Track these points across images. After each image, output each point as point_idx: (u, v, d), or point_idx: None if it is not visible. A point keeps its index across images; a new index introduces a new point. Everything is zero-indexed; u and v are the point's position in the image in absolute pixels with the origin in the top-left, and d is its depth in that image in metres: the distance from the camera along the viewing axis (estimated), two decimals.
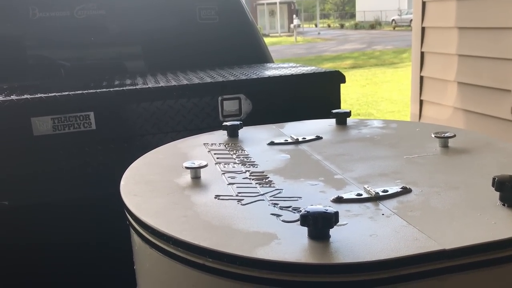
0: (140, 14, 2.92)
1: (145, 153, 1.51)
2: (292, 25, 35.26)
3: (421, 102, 4.07)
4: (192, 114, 2.07)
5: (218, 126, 2.03)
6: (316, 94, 2.28)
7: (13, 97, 1.85)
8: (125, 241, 1.74)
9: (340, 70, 2.34)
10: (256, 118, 2.07)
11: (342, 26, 46.82)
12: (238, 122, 1.67)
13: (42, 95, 1.87)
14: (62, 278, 2.00)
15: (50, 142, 1.87)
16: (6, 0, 2.70)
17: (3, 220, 1.89)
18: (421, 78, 4.01)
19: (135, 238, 1.07)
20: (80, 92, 1.93)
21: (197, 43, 2.93)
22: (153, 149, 1.56)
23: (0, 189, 1.86)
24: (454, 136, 1.40)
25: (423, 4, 3.87)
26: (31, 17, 2.70)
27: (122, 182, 1.23)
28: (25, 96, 1.86)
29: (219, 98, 2.09)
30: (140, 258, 1.11)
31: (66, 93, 1.90)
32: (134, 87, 2.04)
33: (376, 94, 10.63)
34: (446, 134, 1.40)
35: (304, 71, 2.35)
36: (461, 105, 3.55)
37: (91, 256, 2.00)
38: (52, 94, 1.88)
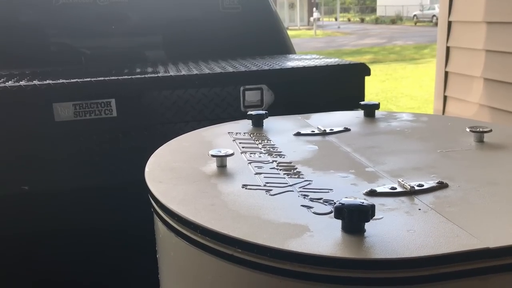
0: (162, 2, 2.89)
1: (166, 141, 1.48)
2: (311, 18, 35.00)
3: (445, 98, 3.98)
4: (213, 104, 2.04)
5: (240, 116, 2.00)
6: (340, 86, 2.23)
7: (36, 82, 1.84)
8: (145, 228, 1.73)
9: None
10: (277, 109, 2.04)
11: (362, 21, 46.36)
12: (263, 112, 1.63)
13: (64, 81, 1.86)
14: (81, 264, 1.99)
15: (71, 128, 1.86)
16: None
17: (23, 205, 1.89)
18: (446, 73, 3.92)
19: (160, 225, 1.04)
20: (102, 78, 1.91)
21: (219, 32, 2.89)
22: (172, 137, 1.53)
23: (21, 174, 1.86)
24: (491, 130, 1.34)
25: None
26: (54, 3, 2.70)
27: (146, 169, 1.20)
28: (48, 82, 1.84)
29: (241, 88, 2.06)
30: (164, 246, 1.08)
31: (88, 79, 1.89)
32: (156, 75, 2.02)
33: (396, 89, 10.50)
34: (482, 129, 1.34)
35: (328, 63, 2.30)
36: (487, 102, 3.46)
37: (110, 243, 1.99)
38: (74, 80, 1.87)
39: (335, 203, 0.85)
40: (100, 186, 1.95)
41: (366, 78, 2.25)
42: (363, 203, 0.82)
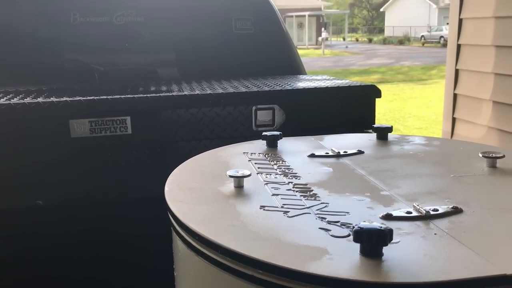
0: (177, 23, 2.95)
1: (178, 159, 1.51)
2: (320, 38, 35.27)
3: (453, 119, 4.00)
4: (226, 123, 2.07)
5: (251, 136, 2.03)
6: (351, 108, 2.26)
7: (53, 99, 1.89)
8: (159, 243, 1.74)
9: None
10: (289, 129, 2.06)
11: (370, 41, 46.58)
12: (278, 133, 1.66)
13: (81, 98, 1.90)
14: (91, 277, 2.01)
15: (86, 144, 1.90)
16: (50, 4, 2.76)
17: (37, 219, 1.92)
18: (455, 95, 3.94)
19: (180, 244, 1.07)
20: (118, 96, 1.95)
21: (232, 53, 2.94)
22: (185, 155, 1.56)
23: (35, 188, 1.89)
24: (503, 156, 1.36)
25: (460, 21, 3.82)
26: (72, 21, 2.76)
27: (166, 188, 1.23)
28: (65, 99, 1.89)
29: (253, 108, 2.09)
30: (183, 265, 1.10)
31: (105, 97, 1.93)
32: (171, 94, 2.06)
33: (404, 110, 10.53)
34: (495, 154, 1.36)
35: (339, 84, 2.33)
36: (496, 124, 3.47)
37: (123, 258, 2.01)
38: (91, 98, 1.91)
39: (353, 226, 0.87)
40: (113, 201, 1.98)
41: None
42: (381, 227, 0.85)
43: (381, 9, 59.17)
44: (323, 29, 35.74)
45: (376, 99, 2.29)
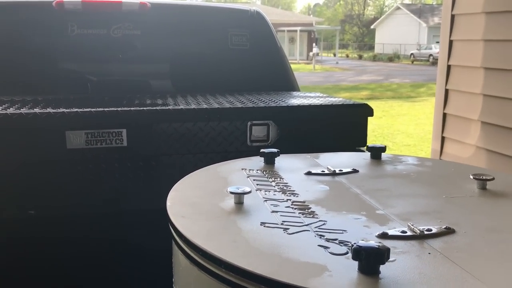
0: (173, 37, 2.99)
1: (172, 172, 1.53)
2: (311, 53, 35.59)
3: (443, 138, 4.08)
4: (221, 137, 2.10)
5: (246, 150, 2.07)
6: (344, 125, 2.31)
7: (50, 110, 1.91)
8: (151, 256, 1.74)
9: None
10: (282, 145, 2.10)
11: (360, 57, 47.07)
12: (275, 150, 1.70)
13: (78, 109, 1.92)
14: None
15: (82, 156, 1.92)
16: (49, 15, 2.79)
17: (28, 229, 1.93)
18: (444, 115, 4.02)
19: (182, 258, 1.09)
20: (115, 109, 1.97)
21: (227, 67, 2.99)
22: (180, 169, 1.58)
23: (28, 198, 1.90)
24: (493, 179, 1.41)
25: (450, 42, 3.92)
26: (69, 33, 2.78)
27: (168, 203, 1.26)
28: (62, 110, 1.91)
29: (248, 123, 2.13)
30: (185, 279, 1.13)
31: (101, 109, 1.95)
32: (167, 108, 2.08)
33: (392, 126, 10.65)
34: (485, 177, 1.41)
35: (333, 102, 2.38)
36: (484, 144, 3.55)
37: (117, 270, 2.03)
38: (88, 110, 1.93)
39: (352, 245, 0.91)
40: (106, 213, 2.00)
41: None
42: (379, 246, 0.89)
43: (372, 26, 59.94)
44: (314, 44, 36.06)
45: None
